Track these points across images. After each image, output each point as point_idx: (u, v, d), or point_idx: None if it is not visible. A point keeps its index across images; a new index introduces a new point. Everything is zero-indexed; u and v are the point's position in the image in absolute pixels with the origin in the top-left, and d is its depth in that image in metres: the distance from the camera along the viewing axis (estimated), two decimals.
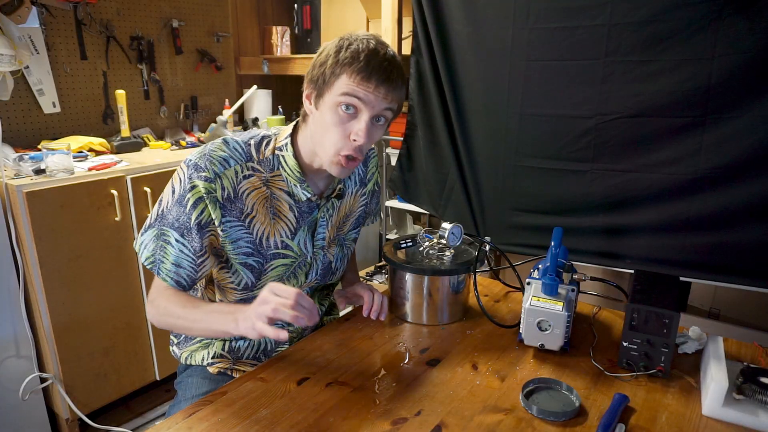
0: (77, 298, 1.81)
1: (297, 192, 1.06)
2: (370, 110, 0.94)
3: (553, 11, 1.74)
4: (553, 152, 1.85)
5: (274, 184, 1.05)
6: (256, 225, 1.04)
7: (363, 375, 0.99)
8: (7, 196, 1.67)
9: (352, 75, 0.91)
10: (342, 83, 0.92)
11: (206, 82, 2.75)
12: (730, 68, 1.50)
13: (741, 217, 1.59)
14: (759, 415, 0.85)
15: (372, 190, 1.26)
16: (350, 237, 1.23)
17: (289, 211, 1.07)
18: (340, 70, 0.92)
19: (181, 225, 0.99)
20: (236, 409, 0.90)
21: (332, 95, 0.94)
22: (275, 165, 1.04)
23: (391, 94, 0.94)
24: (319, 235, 1.13)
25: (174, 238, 0.99)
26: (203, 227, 0.99)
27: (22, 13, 1.91)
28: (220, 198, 0.98)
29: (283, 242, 1.07)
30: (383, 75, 0.92)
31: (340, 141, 0.96)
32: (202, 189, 0.97)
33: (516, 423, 0.86)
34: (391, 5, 2.29)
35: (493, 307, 1.28)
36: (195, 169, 0.98)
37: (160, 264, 1.01)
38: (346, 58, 0.91)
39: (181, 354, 1.22)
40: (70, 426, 1.90)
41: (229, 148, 1.01)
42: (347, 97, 0.92)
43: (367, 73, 0.91)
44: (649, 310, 0.95)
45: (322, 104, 0.96)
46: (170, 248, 1.00)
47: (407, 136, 2.33)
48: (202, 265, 1.02)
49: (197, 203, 0.97)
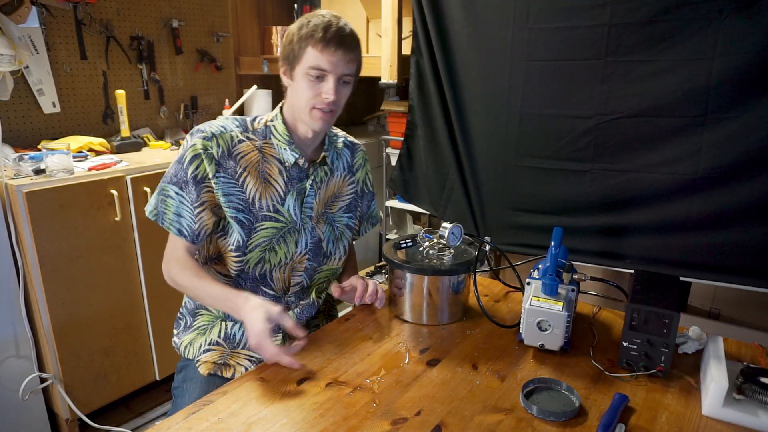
0: (77, 298, 1.81)
1: (286, 156, 1.18)
2: (334, 73, 1.10)
3: (553, 11, 1.74)
4: (553, 152, 1.85)
5: (266, 150, 1.18)
6: (248, 186, 1.16)
7: (363, 375, 0.99)
8: (7, 196, 1.67)
9: (314, 47, 1.08)
10: (308, 56, 1.09)
11: (206, 82, 2.75)
12: (730, 68, 1.50)
13: (741, 217, 1.59)
14: (759, 415, 0.85)
15: (362, 188, 1.34)
16: (341, 220, 1.29)
17: (278, 175, 1.18)
18: (305, 44, 1.09)
19: (179, 180, 1.13)
20: (236, 409, 0.90)
21: (302, 66, 1.11)
22: (267, 134, 1.20)
23: (348, 55, 1.11)
24: (308, 204, 1.21)
25: (174, 192, 1.13)
26: (199, 182, 1.12)
27: (22, 13, 1.91)
28: (215, 154, 1.12)
29: (274, 206, 1.18)
30: (339, 41, 1.09)
31: (313, 98, 1.12)
32: (200, 146, 1.11)
33: (516, 423, 0.86)
34: (391, 5, 2.29)
35: (493, 307, 1.28)
36: (197, 131, 1.13)
37: (163, 215, 1.16)
38: (305, 34, 1.09)
39: (181, 344, 1.26)
40: (70, 426, 1.90)
41: (229, 120, 1.19)
42: (315, 69, 1.09)
43: (326, 42, 1.08)
44: (649, 310, 0.95)
45: (295, 75, 1.13)
46: (170, 200, 1.14)
47: (407, 136, 2.33)
48: (200, 216, 1.14)
49: (194, 159, 1.11)
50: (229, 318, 1.24)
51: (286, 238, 1.20)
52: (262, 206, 1.16)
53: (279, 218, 1.18)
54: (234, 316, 1.14)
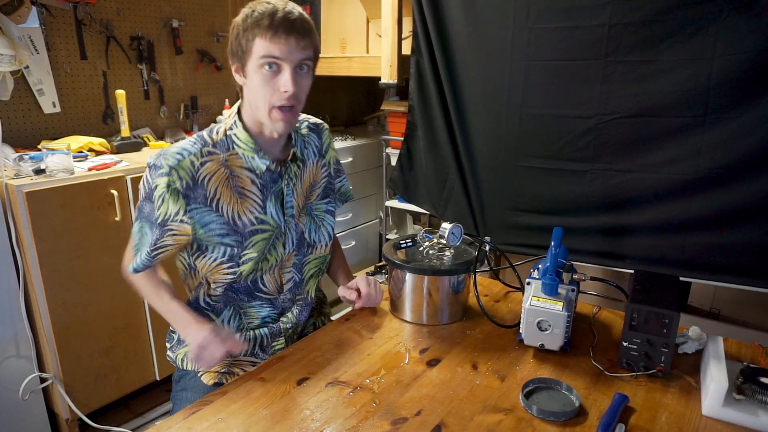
0: (77, 298, 1.81)
1: (256, 164, 1.11)
2: (290, 62, 1.02)
3: (553, 11, 1.74)
4: (553, 152, 1.85)
5: (233, 162, 1.10)
6: (223, 207, 1.09)
7: (363, 375, 0.99)
8: (7, 196, 1.67)
9: (263, 36, 1.00)
10: (258, 47, 1.01)
11: (206, 82, 2.75)
12: (730, 68, 1.50)
13: (741, 217, 1.59)
14: (759, 415, 0.85)
15: (331, 165, 1.29)
16: (320, 208, 1.25)
17: (252, 185, 1.12)
18: (252, 35, 1.00)
19: (147, 217, 1.08)
20: (236, 409, 0.90)
21: (253, 60, 1.02)
22: (230, 144, 1.11)
23: (302, 41, 1.02)
24: (288, 204, 1.16)
25: (147, 228, 1.09)
26: (162, 224, 1.06)
27: (22, 13, 1.91)
28: (180, 188, 1.04)
29: (257, 218, 1.12)
30: (288, 25, 1.00)
31: (271, 95, 1.03)
32: (162, 185, 1.04)
33: (516, 423, 0.86)
34: (391, 5, 2.29)
35: (493, 307, 1.28)
36: (153, 169, 1.05)
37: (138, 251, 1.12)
38: (252, 23, 1.00)
39: (176, 357, 1.24)
40: (70, 426, 1.90)
41: (183, 142, 1.09)
42: (266, 58, 1.01)
43: (274, 29, 0.99)
44: (649, 310, 0.95)
45: (248, 71, 1.04)
46: (146, 238, 1.10)
47: (407, 136, 2.33)
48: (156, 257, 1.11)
49: (162, 201, 1.05)
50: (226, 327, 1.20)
51: (275, 244, 1.15)
52: (245, 222, 1.10)
53: (266, 228, 1.13)
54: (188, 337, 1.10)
